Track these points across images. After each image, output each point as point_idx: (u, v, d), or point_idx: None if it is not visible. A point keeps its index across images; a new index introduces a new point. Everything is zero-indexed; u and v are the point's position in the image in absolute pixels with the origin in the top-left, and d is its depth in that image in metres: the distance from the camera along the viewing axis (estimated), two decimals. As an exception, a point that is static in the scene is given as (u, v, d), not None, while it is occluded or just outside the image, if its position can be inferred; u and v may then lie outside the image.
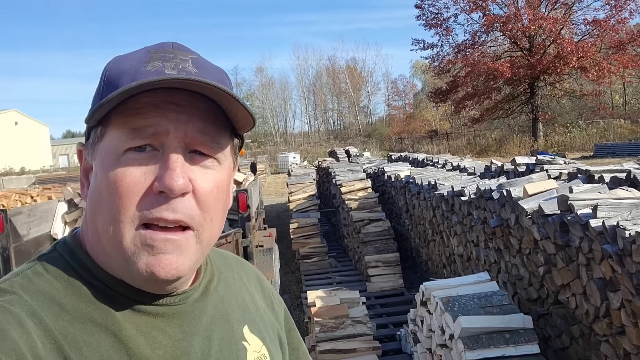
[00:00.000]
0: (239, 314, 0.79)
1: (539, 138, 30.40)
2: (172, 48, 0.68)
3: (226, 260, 0.87)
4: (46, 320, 0.59)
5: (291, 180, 9.47)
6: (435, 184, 5.65)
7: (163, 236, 0.62)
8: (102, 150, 0.65)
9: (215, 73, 0.68)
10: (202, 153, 0.65)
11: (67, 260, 0.67)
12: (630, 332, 2.77)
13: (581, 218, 3.01)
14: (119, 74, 0.64)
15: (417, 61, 60.05)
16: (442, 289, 3.61)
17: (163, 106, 0.63)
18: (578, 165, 5.03)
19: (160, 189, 0.61)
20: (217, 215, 0.67)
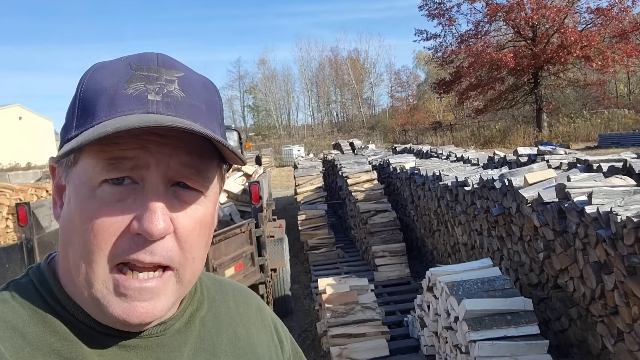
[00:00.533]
0: (228, 348, 0.73)
1: (543, 129, 30.42)
2: (156, 65, 0.61)
3: (222, 287, 0.82)
4: (5, 354, 0.55)
5: (298, 172, 9.65)
6: (439, 175, 5.84)
7: (138, 285, 0.57)
8: (76, 177, 0.59)
9: (203, 93, 0.63)
10: (186, 186, 0.61)
11: (37, 287, 0.63)
12: (623, 312, 2.96)
13: (577, 205, 3.20)
14: (97, 93, 0.59)
15: (420, 52, 59.96)
16: (447, 275, 3.81)
17: (144, 137, 0.57)
18: (578, 155, 5.19)
19: (138, 231, 0.56)
20: (199, 253, 0.63)
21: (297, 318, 5.75)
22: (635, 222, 2.66)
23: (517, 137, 30.03)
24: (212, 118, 0.63)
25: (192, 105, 0.60)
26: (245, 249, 4.67)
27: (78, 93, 0.60)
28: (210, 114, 0.63)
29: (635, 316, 2.87)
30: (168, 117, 0.57)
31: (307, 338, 5.12)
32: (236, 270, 4.50)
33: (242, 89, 65.84)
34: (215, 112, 0.64)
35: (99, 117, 0.57)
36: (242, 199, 6.45)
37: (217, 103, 0.65)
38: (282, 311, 5.57)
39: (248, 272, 4.69)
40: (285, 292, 5.67)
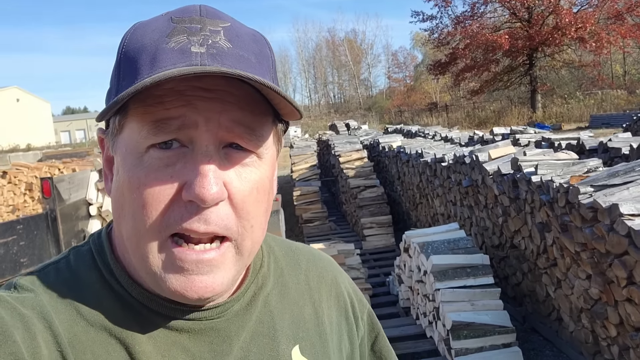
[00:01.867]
0: (290, 331, 0.67)
1: (537, 109, 30.85)
2: (199, 15, 0.57)
3: (295, 257, 0.75)
4: (56, 324, 0.54)
5: (294, 152, 10.22)
6: (421, 152, 6.42)
7: (195, 257, 0.54)
8: (123, 145, 0.56)
9: (252, 44, 0.58)
10: (239, 147, 0.56)
11: (95, 259, 0.61)
12: (559, 263, 3.58)
13: (526, 175, 3.79)
14: (138, 50, 0.55)
15: (417, 32, 60.02)
16: (419, 237, 4.41)
17: (190, 93, 0.53)
18: (544, 134, 5.78)
19: (189, 198, 0.52)
20: (258, 220, 0.58)
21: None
22: (565, 187, 3.25)
23: (511, 118, 30.49)
24: (264, 70, 0.57)
25: (240, 56, 0.55)
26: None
27: (119, 55, 0.57)
28: (262, 66, 0.57)
29: (568, 265, 3.49)
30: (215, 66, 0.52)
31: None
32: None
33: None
34: (267, 65, 0.58)
35: (141, 76, 0.52)
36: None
37: (268, 55, 0.59)
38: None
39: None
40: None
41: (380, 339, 0.80)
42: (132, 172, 0.54)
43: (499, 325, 3.65)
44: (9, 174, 6.98)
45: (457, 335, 3.63)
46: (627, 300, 2.88)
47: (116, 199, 0.57)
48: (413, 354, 3.99)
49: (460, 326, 3.63)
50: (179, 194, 0.53)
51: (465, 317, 3.67)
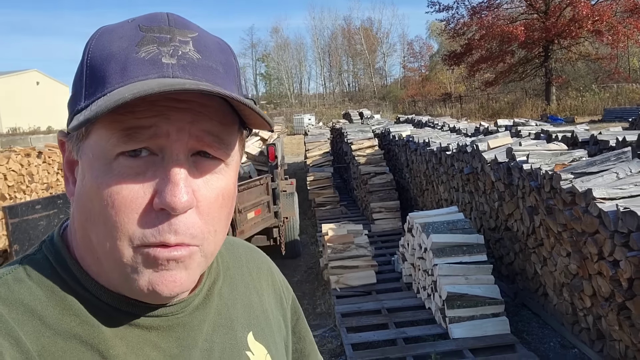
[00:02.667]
0: (244, 319, 0.72)
1: (551, 102, 30.81)
2: (168, 25, 0.56)
3: (235, 251, 0.79)
4: (24, 340, 0.52)
5: (308, 139, 10.66)
6: (428, 141, 6.82)
7: (167, 254, 0.54)
8: (89, 151, 0.55)
9: (219, 54, 0.58)
10: (207, 155, 0.57)
11: (53, 265, 0.59)
12: (545, 243, 3.99)
13: (518, 164, 4.19)
14: (105, 58, 0.54)
15: (433, 22, 59.76)
16: (422, 218, 4.84)
17: (163, 103, 0.53)
18: (544, 127, 6.15)
19: (161, 206, 0.53)
20: (221, 225, 0.60)
21: (304, 259, 6.86)
22: (550, 174, 3.66)
23: (525, 110, 30.52)
24: (230, 80, 0.59)
25: (209, 67, 0.56)
26: (263, 198, 5.74)
27: (85, 60, 0.56)
28: (228, 75, 0.58)
29: (552, 245, 3.90)
30: (188, 80, 0.53)
31: (312, 272, 6.24)
32: (256, 214, 5.57)
33: (254, 57, 66.25)
34: (232, 74, 0.60)
35: (110, 85, 0.52)
36: (259, 159, 7.51)
37: (233, 64, 0.61)
38: (292, 252, 6.67)
39: (265, 216, 5.77)
40: (294, 237, 6.75)
41: (301, 322, 0.86)
42: (101, 179, 0.54)
43: (489, 297, 4.08)
44: (44, 154, 7.50)
45: (452, 305, 4.07)
46: (598, 274, 3.30)
47: (82, 204, 0.56)
48: (412, 322, 4.44)
49: (455, 297, 4.07)
50: (150, 202, 0.53)
51: (459, 289, 4.10)
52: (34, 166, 7.20)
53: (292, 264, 6.62)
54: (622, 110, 25.96)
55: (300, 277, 6.18)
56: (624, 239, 2.92)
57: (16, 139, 27.15)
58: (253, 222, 5.54)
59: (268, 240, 6.16)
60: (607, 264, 3.13)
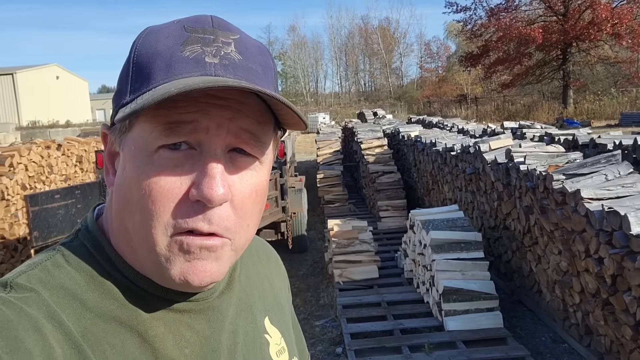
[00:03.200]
0: (260, 305, 0.76)
1: (568, 105, 30.54)
2: (211, 27, 0.60)
3: None
4: (66, 322, 0.55)
5: (319, 137, 10.85)
6: (434, 141, 6.97)
7: (200, 242, 0.57)
8: (132, 143, 0.58)
9: (259, 56, 0.62)
10: (243, 152, 0.59)
11: (91, 251, 0.62)
12: (540, 241, 4.14)
13: (516, 164, 4.34)
14: (151, 56, 0.57)
15: (451, 23, 59.50)
16: (423, 215, 5.01)
17: (204, 100, 0.56)
18: (549, 129, 6.26)
19: (197, 197, 0.55)
20: (253, 220, 0.63)
21: (311, 254, 7.06)
22: (544, 175, 3.80)
23: (541, 113, 30.32)
24: (269, 81, 0.61)
25: (250, 68, 0.59)
26: (272, 193, 5.95)
27: (132, 57, 0.59)
28: (267, 77, 0.61)
29: (545, 243, 4.04)
30: (229, 79, 0.56)
31: (318, 266, 6.44)
32: (265, 208, 5.76)
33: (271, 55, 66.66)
34: (271, 76, 0.63)
35: (155, 81, 0.56)
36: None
37: (272, 67, 0.64)
38: (299, 246, 6.87)
39: (273, 211, 5.98)
40: (302, 232, 6.95)
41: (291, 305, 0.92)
42: (142, 170, 0.56)
43: (484, 292, 4.24)
44: (63, 146, 7.80)
45: (447, 298, 4.23)
46: (585, 271, 3.44)
47: (122, 193, 0.59)
48: (410, 314, 4.61)
49: (451, 291, 4.23)
50: (187, 193, 0.56)
51: (455, 284, 4.26)
52: (53, 158, 7.50)
53: (298, 258, 6.82)
54: (639, 114, 25.71)
55: (305, 270, 6.38)
56: (608, 237, 3.07)
57: (36, 132, 27.78)
58: (261, 216, 5.74)
59: (276, 235, 6.36)
60: (593, 261, 3.27)
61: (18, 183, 7.10)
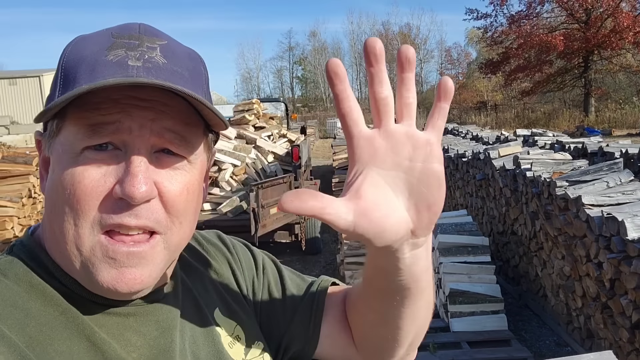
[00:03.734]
0: (207, 298, 0.75)
1: (590, 113, 30.20)
2: (138, 33, 0.60)
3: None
4: (8, 334, 0.54)
5: (336, 142, 11.03)
6: (447, 148, 7.09)
7: (126, 249, 0.57)
8: (59, 146, 0.59)
9: (187, 61, 0.62)
10: (170, 152, 0.60)
11: (26, 262, 0.61)
12: (545, 246, 4.24)
13: (523, 171, 4.45)
14: (77, 61, 0.58)
15: (472, 29, 59.23)
16: (432, 220, 5.13)
17: (125, 101, 0.57)
18: (560, 137, 6.34)
19: (120, 195, 0.56)
20: (187, 218, 0.62)
21: (324, 256, 7.22)
22: (548, 181, 3.91)
23: (562, 121, 30.04)
24: (197, 86, 0.62)
25: (174, 71, 0.59)
26: (286, 196, 6.13)
27: (60, 64, 0.60)
28: (195, 81, 0.62)
29: (550, 248, 4.14)
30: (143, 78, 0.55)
31: (330, 268, 6.60)
32: (278, 210, 5.94)
33: (291, 60, 67.15)
34: (199, 81, 0.63)
35: (79, 84, 0.56)
36: (285, 160, 7.91)
37: (202, 73, 0.65)
38: (312, 248, 7.03)
39: (287, 213, 6.15)
40: (315, 234, 7.11)
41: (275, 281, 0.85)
42: (67, 170, 0.57)
43: (490, 295, 4.35)
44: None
45: (454, 300, 4.35)
46: (586, 275, 3.54)
47: (50, 196, 0.59)
48: (417, 316, 4.73)
49: (457, 293, 4.35)
50: (111, 191, 0.56)
51: (462, 287, 4.38)
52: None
53: (311, 259, 6.98)
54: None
55: (318, 272, 6.54)
56: (607, 242, 3.17)
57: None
58: (275, 217, 5.92)
59: (290, 236, 6.54)
60: (593, 266, 3.37)
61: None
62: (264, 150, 7.46)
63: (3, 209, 6.77)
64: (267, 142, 7.67)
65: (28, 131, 22.96)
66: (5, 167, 7.31)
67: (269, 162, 7.39)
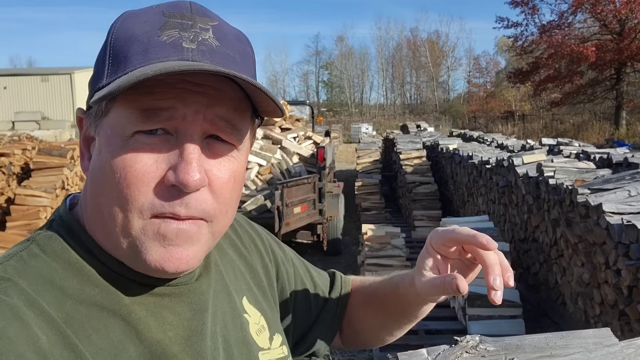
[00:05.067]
0: (237, 286, 0.76)
1: (620, 126, 29.63)
2: (190, 12, 0.60)
3: None
4: (47, 309, 0.54)
5: (360, 146, 11.15)
6: (471, 154, 7.13)
7: (176, 226, 0.58)
8: (108, 127, 0.58)
9: (237, 43, 0.62)
10: (220, 139, 0.60)
11: (66, 239, 0.61)
12: (565, 254, 4.27)
13: (546, 178, 4.48)
14: (128, 40, 0.58)
15: (502, 38, 58.66)
16: (453, 223, 5.19)
17: (180, 86, 0.56)
18: (586, 148, 6.32)
19: (173, 182, 0.56)
20: (232, 205, 0.64)
21: (344, 257, 7.33)
22: (570, 189, 3.95)
23: (591, 133, 29.53)
24: (247, 68, 0.62)
25: (227, 54, 0.59)
26: (310, 196, 6.27)
27: (109, 41, 0.59)
28: (245, 64, 0.62)
29: (570, 255, 4.17)
30: (207, 64, 0.56)
31: (350, 269, 6.69)
32: (302, 210, 6.10)
33: (318, 64, 67.47)
34: (248, 64, 0.63)
35: (132, 65, 0.56)
36: (310, 161, 8.05)
37: (250, 55, 0.65)
38: (333, 249, 7.14)
39: (310, 212, 6.30)
40: (337, 235, 7.22)
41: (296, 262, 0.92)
42: (117, 153, 0.56)
43: (508, 300, 4.38)
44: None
45: (472, 303, 4.40)
46: (605, 282, 3.57)
47: (96, 177, 0.59)
48: (436, 317, 4.80)
49: (475, 296, 4.40)
50: (162, 178, 0.56)
51: (480, 290, 4.43)
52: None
53: (332, 260, 7.08)
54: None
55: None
56: (626, 249, 3.21)
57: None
58: (298, 217, 6.06)
59: (312, 236, 6.66)
60: (611, 273, 3.41)
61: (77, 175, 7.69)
62: (289, 151, 7.61)
63: (38, 199, 7.08)
64: (293, 144, 7.81)
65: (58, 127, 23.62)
66: (41, 159, 7.63)
67: (294, 163, 7.53)
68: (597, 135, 28.75)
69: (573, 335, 1.56)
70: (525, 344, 1.46)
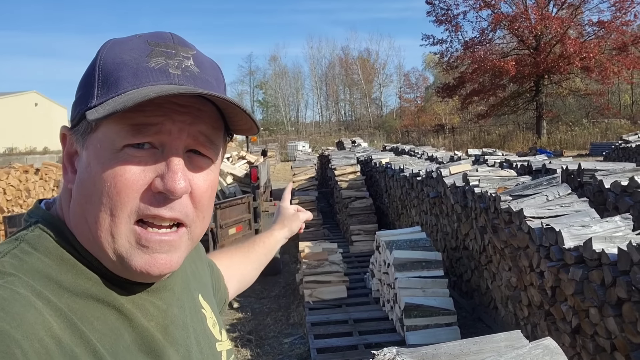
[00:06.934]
0: (194, 284, 0.85)
1: (542, 135, 31.33)
2: (172, 42, 0.68)
3: None
4: (52, 299, 0.59)
5: (295, 164, 11.14)
6: (402, 168, 7.29)
7: (158, 238, 0.64)
8: (97, 142, 0.63)
9: (212, 70, 0.70)
10: (199, 153, 0.67)
11: (55, 238, 0.65)
12: (494, 259, 4.41)
13: (471, 187, 4.64)
14: (118, 65, 0.64)
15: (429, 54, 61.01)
16: (388, 236, 5.26)
17: (167, 106, 0.63)
18: (508, 157, 6.62)
19: (161, 189, 0.62)
20: (208, 212, 0.70)
21: (284, 277, 7.24)
22: (493, 196, 4.10)
23: (516, 143, 31.08)
24: (221, 92, 0.70)
25: (206, 79, 0.67)
26: (245, 216, 6.17)
27: (97, 65, 0.65)
28: (220, 88, 0.70)
29: (498, 261, 4.32)
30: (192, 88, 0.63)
31: (290, 288, 6.62)
32: (237, 231, 5.99)
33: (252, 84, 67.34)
34: (222, 88, 0.72)
35: (124, 87, 0.62)
36: (244, 181, 7.95)
37: (222, 80, 0.73)
38: (271, 269, 7.03)
39: (246, 233, 6.19)
40: (274, 255, 7.12)
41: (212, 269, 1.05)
42: (108, 165, 0.62)
43: (443, 308, 4.47)
44: (41, 171, 7.93)
45: (409, 314, 4.45)
46: (531, 285, 3.71)
47: (85, 188, 0.64)
48: (375, 331, 4.81)
49: (412, 307, 4.46)
50: (150, 186, 0.63)
51: (416, 300, 4.50)
52: (31, 182, 7.62)
53: (271, 280, 6.98)
54: (608, 144, 26.44)
55: (278, 292, 6.55)
56: (547, 252, 3.35)
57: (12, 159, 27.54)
58: (234, 238, 5.94)
59: (249, 257, 6.53)
60: (535, 275, 3.55)
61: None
62: (223, 172, 7.48)
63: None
64: (226, 164, 7.69)
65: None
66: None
67: (228, 184, 7.41)
68: (521, 145, 30.30)
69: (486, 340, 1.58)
70: (441, 352, 1.47)
